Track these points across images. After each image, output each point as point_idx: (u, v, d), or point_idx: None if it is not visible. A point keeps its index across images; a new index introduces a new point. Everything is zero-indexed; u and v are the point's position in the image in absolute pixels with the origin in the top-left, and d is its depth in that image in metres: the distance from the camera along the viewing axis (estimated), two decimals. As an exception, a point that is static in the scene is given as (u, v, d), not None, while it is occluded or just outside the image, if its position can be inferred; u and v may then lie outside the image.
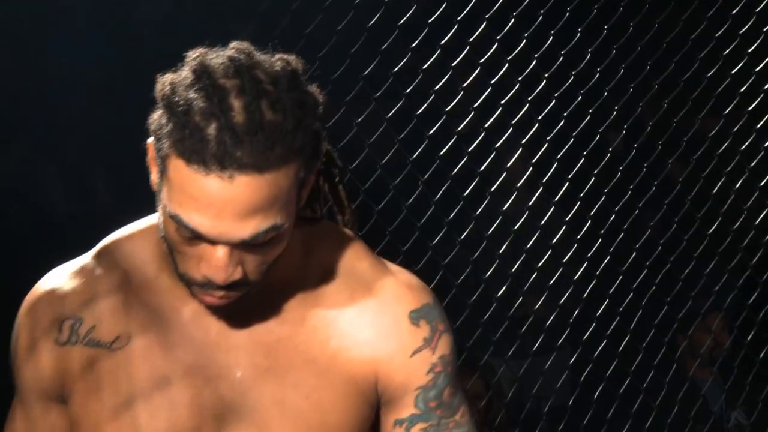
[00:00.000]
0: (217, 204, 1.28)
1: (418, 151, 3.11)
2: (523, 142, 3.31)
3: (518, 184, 3.31)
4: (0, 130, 3.36)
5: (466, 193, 3.18)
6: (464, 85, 3.19)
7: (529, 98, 3.27)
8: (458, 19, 3.11)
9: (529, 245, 3.31)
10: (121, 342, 1.43)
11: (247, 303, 1.39)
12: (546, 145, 3.34)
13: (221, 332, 1.43)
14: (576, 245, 3.41)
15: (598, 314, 3.37)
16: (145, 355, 1.43)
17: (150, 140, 1.35)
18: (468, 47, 3.17)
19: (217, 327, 1.43)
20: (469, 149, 3.20)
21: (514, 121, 3.26)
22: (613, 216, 3.38)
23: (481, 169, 3.21)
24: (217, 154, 1.27)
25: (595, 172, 3.35)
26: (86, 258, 1.49)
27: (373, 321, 1.43)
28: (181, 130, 1.29)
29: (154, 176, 1.36)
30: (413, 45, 3.08)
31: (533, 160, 3.36)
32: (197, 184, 1.28)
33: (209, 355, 1.42)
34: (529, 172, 3.37)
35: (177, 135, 1.29)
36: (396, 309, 1.44)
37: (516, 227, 3.28)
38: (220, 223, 1.29)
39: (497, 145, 3.25)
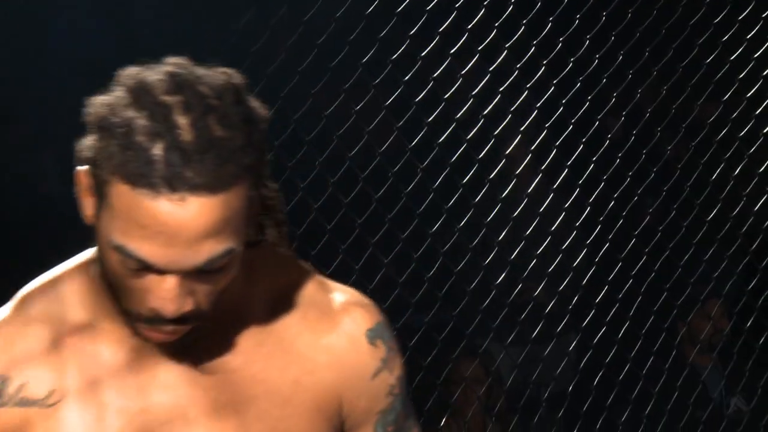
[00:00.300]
0: (168, 229, 1.19)
1: (417, 138, 3.12)
2: (522, 129, 3.30)
3: (517, 171, 3.32)
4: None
5: (465, 180, 3.19)
6: (463, 72, 3.18)
7: (528, 85, 3.28)
8: (457, 5, 3.11)
9: (528, 232, 3.32)
10: (56, 396, 1.32)
11: (194, 336, 1.30)
12: (545, 132, 3.35)
13: (169, 371, 1.33)
14: (575, 232, 3.42)
15: (597, 301, 3.38)
16: (84, 407, 1.32)
17: (81, 168, 1.26)
18: (467, 34, 3.17)
19: (165, 366, 1.33)
20: (468, 136, 3.20)
21: (513, 108, 3.26)
22: (613, 203, 3.39)
23: (480, 156, 3.22)
24: (165, 176, 1.18)
25: (594, 158, 3.36)
26: (5, 311, 1.36)
27: (330, 343, 1.36)
28: (123, 152, 1.19)
29: (88, 208, 1.26)
30: (411, 32, 3.07)
31: (532, 147, 3.37)
32: (145, 209, 1.18)
33: (158, 398, 1.33)
34: (528, 158, 3.37)
35: (119, 158, 1.19)
36: (352, 329, 1.37)
37: (515, 214, 3.29)
38: (171, 251, 1.20)
39: (496, 132, 3.25)
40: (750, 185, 3.67)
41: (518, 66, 3.25)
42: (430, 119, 3.12)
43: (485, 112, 3.24)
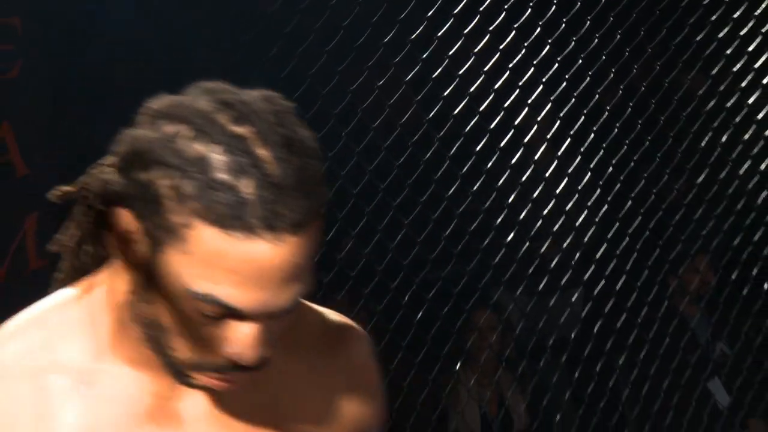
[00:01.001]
0: (264, 273, 1.04)
1: (434, 111, 3.22)
2: (528, 102, 3.38)
3: (525, 140, 3.40)
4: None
5: (477, 148, 3.27)
6: (475, 50, 3.29)
7: (535, 62, 3.37)
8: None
9: (535, 195, 3.40)
10: None
11: None
12: (550, 104, 3.43)
13: (198, 416, 1.18)
14: (577, 195, 3.48)
15: (597, 257, 3.46)
16: None
17: (121, 210, 1.09)
18: (478, 16, 3.27)
19: (189, 409, 1.18)
20: (480, 108, 3.30)
21: (521, 83, 3.36)
22: (611, 168, 3.47)
23: (492, 127, 3.32)
24: (262, 216, 1.03)
25: (595, 128, 3.44)
26: None
27: (346, 366, 1.26)
28: (204, 192, 1.03)
29: (135, 252, 1.08)
30: (428, 14, 3.18)
31: (538, 119, 3.43)
32: (239, 254, 1.03)
33: None
34: (534, 129, 3.43)
35: (201, 199, 1.03)
36: (360, 351, 1.28)
37: (523, 179, 3.38)
38: (264, 294, 1.05)
39: (506, 105, 3.34)
40: (735, 151, 3.72)
41: (525, 45, 3.35)
42: (445, 93, 3.24)
43: (495, 86, 3.33)
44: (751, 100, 3.75)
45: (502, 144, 3.36)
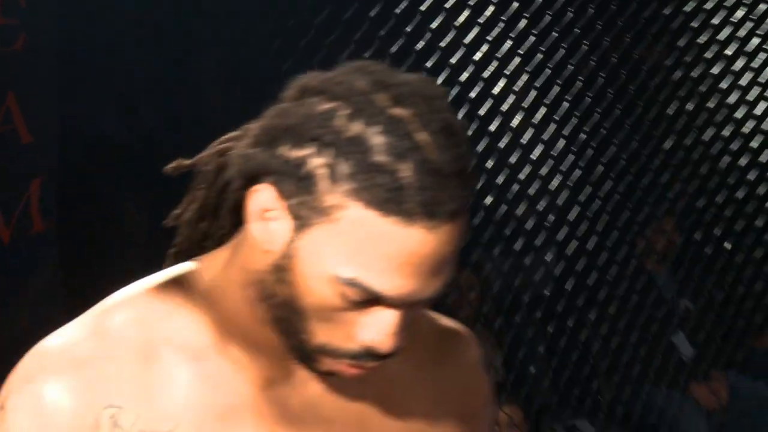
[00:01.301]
0: (417, 260, 1.00)
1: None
2: (506, 72, 3.47)
3: (502, 108, 3.47)
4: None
5: (459, 117, 3.42)
6: (456, 23, 3.39)
7: (512, 34, 3.47)
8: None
9: (512, 160, 3.47)
10: (180, 429, 1.07)
11: None
12: (525, 74, 3.50)
13: (307, 406, 1.12)
14: (552, 161, 3.56)
15: (570, 219, 3.54)
16: None
17: (264, 187, 1.03)
18: None
19: (302, 398, 1.12)
20: (461, 78, 3.40)
21: (499, 55, 3.45)
22: (584, 135, 3.55)
23: (472, 97, 3.41)
24: (422, 202, 0.98)
25: (568, 98, 3.52)
26: (100, 323, 1.09)
27: (455, 374, 1.19)
28: (363, 174, 0.98)
29: (273, 231, 1.03)
30: None
31: (514, 87, 3.49)
32: (395, 239, 0.99)
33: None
34: (511, 98, 3.50)
35: (359, 180, 0.98)
36: (470, 359, 1.21)
37: (501, 146, 3.46)
38: (413, 282, 1.01)
39: (485, 75, 3.43)
40: (701, 118, 3.82)
41: (504, 18, 3.44)
42: (428, 64, 3.32)
43: (475, 57, 3.42)
44: (715, 70, 3.84)
45: (481, 112, 3.45)
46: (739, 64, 3.87)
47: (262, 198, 1.04)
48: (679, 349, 3.95)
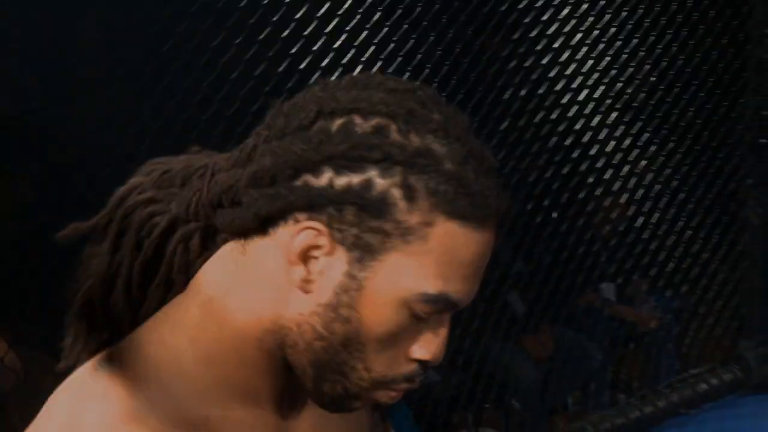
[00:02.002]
0: (482, 263, 0.97)
1: (283, 66, 3.47)
2: (362, 59, 3.61)
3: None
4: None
5: None
6: (317, 15, 3.53)
7: (367, 26, 3.61)
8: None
9: None
10: None
11: None
12: (380, 62, 3.62)
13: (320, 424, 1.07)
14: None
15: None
16: None
17: (306, 224, 0.94)
18: None
19: (312, 418, 1.06)
20: (323, 64, 3.54)
21: (356, 43, 3.61)
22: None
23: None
24: (490, 204, 0.96)
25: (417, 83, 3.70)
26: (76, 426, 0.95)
27: None
28: (440, 185, 0.94)
29: (324, 267, 0.94)
30: None
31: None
32: (470, 246, 0.96)
33: None
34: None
35: (438, 194, 0.93)
36: None
37: None
38: (475, 286, 0.98)
39: (343, 61, 3.57)
40: (532, 103, 3.96)
41: (359, 11, 3.59)
42: (293, 51, 3.46)
43: (336, 45, 3.55)
44: (544, 61, 4.02)
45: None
46: (565, 55, 4.04)
47: (302, 237, 0.94)
48: (513, 306, 4.08)
